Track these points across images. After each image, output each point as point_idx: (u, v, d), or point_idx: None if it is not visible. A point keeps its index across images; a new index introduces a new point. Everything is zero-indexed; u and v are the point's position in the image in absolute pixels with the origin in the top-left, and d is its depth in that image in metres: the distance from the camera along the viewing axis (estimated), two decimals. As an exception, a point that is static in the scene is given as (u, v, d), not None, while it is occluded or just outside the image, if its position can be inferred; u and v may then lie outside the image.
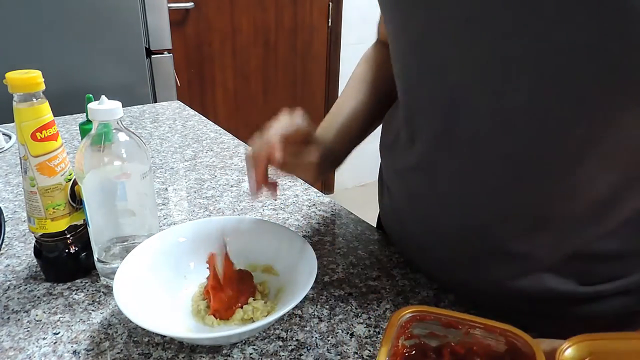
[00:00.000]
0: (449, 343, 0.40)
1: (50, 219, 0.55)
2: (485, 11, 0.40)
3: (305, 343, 0.50)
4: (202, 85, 2.23)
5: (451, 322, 0.40)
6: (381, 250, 0.67)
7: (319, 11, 2.43)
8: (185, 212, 0.76)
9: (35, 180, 0.53)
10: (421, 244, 0.56)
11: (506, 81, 0.41)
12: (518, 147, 0.43)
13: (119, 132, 0.53)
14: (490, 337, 0.39)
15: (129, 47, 1.41)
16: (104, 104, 0.52)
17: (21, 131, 0.51)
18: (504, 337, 0.38)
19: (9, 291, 0.57)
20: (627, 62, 0.35)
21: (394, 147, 0.58)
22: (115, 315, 0.53)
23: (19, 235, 0.68)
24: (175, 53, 1.63)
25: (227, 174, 0.89)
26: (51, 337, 0.50)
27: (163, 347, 0.49)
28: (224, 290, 0.52)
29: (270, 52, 2.37)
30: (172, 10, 1.92)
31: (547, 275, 0.49)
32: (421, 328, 0.40)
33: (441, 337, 0.40)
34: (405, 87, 0.53)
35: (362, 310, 0.55)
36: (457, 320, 0.40)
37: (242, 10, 2.21)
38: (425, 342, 0.40)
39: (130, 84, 1.45)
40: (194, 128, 1.13)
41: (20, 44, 1.24)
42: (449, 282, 0.58)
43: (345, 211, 0.77)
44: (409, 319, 0.40)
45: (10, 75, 0.49)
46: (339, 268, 0.62)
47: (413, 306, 0.41)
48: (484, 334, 0.39)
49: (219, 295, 0.52)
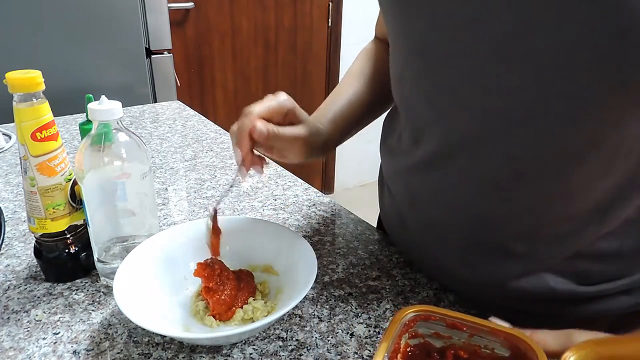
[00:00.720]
0: (453, 345, 0.39)
1: (50, 219, 0.55)
2: (488, 11, 0.40)
3: (305, 343, 0.50)
4: (202, 85, 2.23)
5: (456, 323, 0.39)
6: (381, 250, 0.67)
7: (319, 11, 2.43)
8: (185, 212, 0.76)
9: (35, 180, 0.53)
10: (423, 243, 0.56)
11: (508, 81, 0.41)
12: (521, 147, 0.43)
13: (119, 132, 0.53)
14: (495, 341, 0.38)
15: (129, 47, 1.41)
16: (104, 104, 0.52)
17: (21, 131, 0.51)
18: (508, 342, 0.38)
19: (9, 291, 0.57)
20: (629, 62, 0.35)
21: (396, 147, 0.58)
22: (115, 315, 0.53)
23: (19, 235, 0.68)
24: (175, 53, 1.63)
25: (227, 174, 0.89)
26: (51, 337, 0.50)
27: (163, 347, 0.49)
28: (221, 291, 0.52)
29: (270, 52, 2.37)
30: (172, 10, 1.92)
31: (548, 274, 0.49)
32: (426, 328, 0.40)
33: (445, 338, 0.40)
34: (407, 87, 0.53)
35: (362, 310, 0.55)
36: (462, 322, 0.39)
37: (242, 10, 2.21)
38: (429, 342, 0.40)
39: (130, 84, 1.45)
40: (194, 128, 1.13)
41: (20, 44, 1.24)
42: (450, 281, 0.58)
43: (345, 211, 0.77)
44: (413, 318, 0.40)
45: (10, 75, 0.49)
46: (339, 268, 0.62)
47: (418, 305, 0.41)
48: (488, 338, 0.39)
49: (217, 298, 0.51)
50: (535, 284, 0.49)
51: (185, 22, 2.08)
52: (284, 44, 2.39)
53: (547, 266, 0.49)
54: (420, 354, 0.40)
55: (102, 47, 1.36)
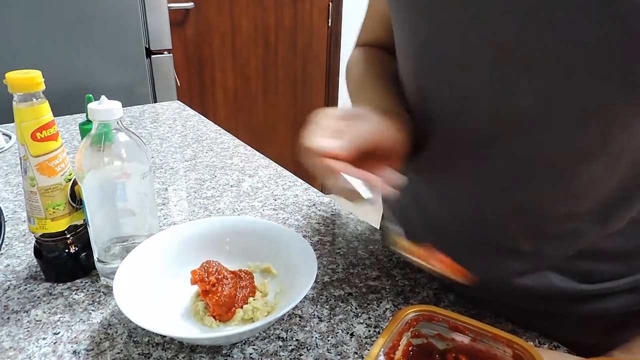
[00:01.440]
0: (454, 348, 0.39)
1: (50, 219, 0.55)
2: (495, 11, 0.39)
3: (305, 343, 0.50)
4: (202, 85, 2.23)
5: (459, 326, 0.39)
6: (381, 250, 0.67)
7: (319, 11, 2.43)
8: (185, 212, 0.76)
9: (35, 180, 0.53)
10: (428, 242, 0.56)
11: (516, 82, 0.40)
12: (528, 149, 0.43)
13: (119, 132, 0.53)
14: (497, 347, 0.38)
15: (129, 47, 1.41)
16: (104, 104, 0.52)
17: (21, 131, 0.51)
18: (510, 349, 0.38)
19: (9, 291, 0.57)
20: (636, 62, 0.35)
21: None
22: (115, 315, 0.53)
23: (19, 235, 0.68)
24: (175, 53, 1.63)
25: (227, 174, 0.89)
26: (51, 337, 0.50)
27: (163, 347, 0.49)
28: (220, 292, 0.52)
29: (270, 52, 2.37)
30: (172, 10, 1.92)
31: (551, 273, 0.49)
32: (429, 328, 0.40)
33: (448, 340, 0.40)
34: (414, 89, 0.52)
35: (362, 310, 0.55)
36: (464, 325, 0.39)
37: (242, 10, 2.21)
38: (432, 343, 0.40)
39: (130, 84, 1.45)
40: (194, 128, 1.13)
41: (20, 44, 1.24)
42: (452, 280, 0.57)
43: (345, 211, 0.77)
44: (416, 317, 0.40)
45: (10, 75, 0.49)
46: (339, 268, 0.62)
47: (421, 305, 0.40)
48: (490, 343, 0.38)
49: (216, 300, 0.51)
50: (538, 282, 0.49)
51: (185, 22, 2.09)
52: (284, 44, 2.39)
53: (551, 264, 0.49)
54: (422, 354, 0.40)
55: (102, 47, 1.36)
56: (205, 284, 0.51)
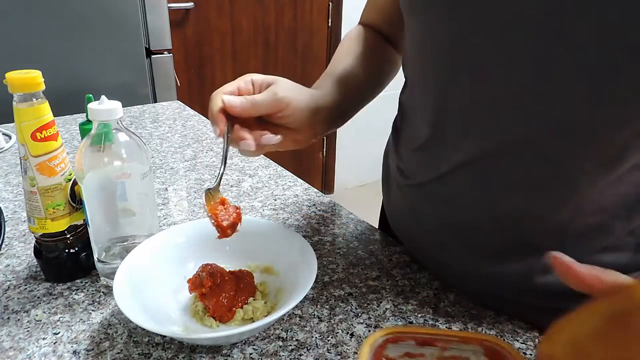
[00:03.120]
0: None
1: (50, 219, 0.55)
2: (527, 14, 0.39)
3: (305, 343, 0.50)
4: (202, 85, 2.23)
5: (426, 340, 0.39)
6: (381, 250, 0.67)
7: (319, 11, 2.43)
8: (185, 212, 0.76)
9: (35, 180, 0.53)
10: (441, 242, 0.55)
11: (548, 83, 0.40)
12: (560, 150, 0.42)
13: (119, 132, 0.53)
14: (468, 349, 0.38)
15: (129, 47, 1.41)
16: (104, 104, 0.52)
17: (21, 131, 0.51)
18: (482, 347, 0.38)
19: (9, 291, 0.57)
20: None
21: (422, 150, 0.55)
22: (115, 315, 0.53)
23: (19, 235, 0.68)
24: (175, 53, 1.63)
25: (227, 174, 0.89)
26: (51, 337, 0.50)
27: (163, 347, 0.49)
28: (218, 294, 0.52)
29: (270, 52, 2.37)
30: (172, 10, 1.92)
31: None
32: (396, 350, 0.39)
33: (417, 356, 0.39)
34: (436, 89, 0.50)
35: (362, 310, 0.55)
36: (432, 337, 0.39)
37: (242, 10, 2.21)
38: None
39: (130, 84, 1.45)
40: (194, 128, 1.13)
41: (20, 44, 1.24)
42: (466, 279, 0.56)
43: (345, 211, 0.77)
44: (383, 343, 0.39)
45: (10, 75, 0.49)
46: (339, 268, 0.62)
47: (386, 328, 0.40)
48: (461, 347, 0.38)
49: (215, 301, 0.51)
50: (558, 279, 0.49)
51: (185, 22, 2.09)
52: (284, 44, 2.39)
53: None
54: None
55: (102, 47, 1.36)
56: (201, 289, 0.51)
